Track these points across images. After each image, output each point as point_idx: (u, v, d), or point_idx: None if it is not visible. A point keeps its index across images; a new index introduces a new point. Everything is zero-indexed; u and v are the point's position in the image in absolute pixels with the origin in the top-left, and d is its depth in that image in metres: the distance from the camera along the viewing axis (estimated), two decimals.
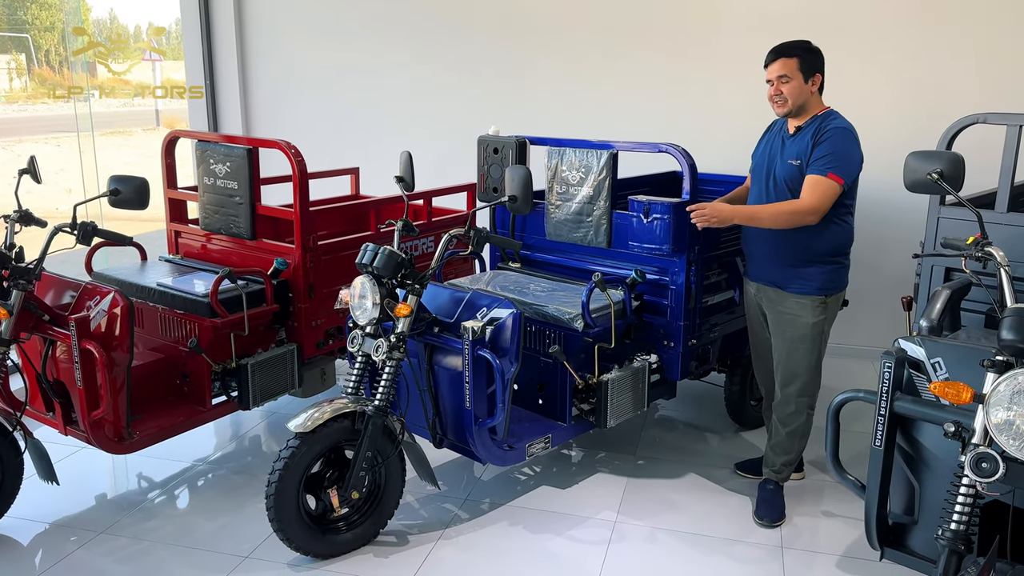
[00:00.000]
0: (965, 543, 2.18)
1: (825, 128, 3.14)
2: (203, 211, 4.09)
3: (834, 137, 3.11)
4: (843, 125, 3.16)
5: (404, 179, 3.44)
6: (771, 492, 3.49)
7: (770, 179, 3.29)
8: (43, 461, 3.29)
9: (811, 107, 3.23)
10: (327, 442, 3.03)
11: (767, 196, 3.30)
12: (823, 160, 3.10)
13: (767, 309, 3.41)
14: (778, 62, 3.19)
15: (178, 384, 3.69)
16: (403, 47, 5.88)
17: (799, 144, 3.19)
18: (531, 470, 3.88)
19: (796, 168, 3.18)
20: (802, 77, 3.17)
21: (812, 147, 3.13)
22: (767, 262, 3.34)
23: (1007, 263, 2.35)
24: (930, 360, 2.49)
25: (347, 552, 3.15)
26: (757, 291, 3.43)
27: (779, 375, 3.41)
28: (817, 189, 3.09)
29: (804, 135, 3.20)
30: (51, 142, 10.03)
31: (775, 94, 3.21)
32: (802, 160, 3.16)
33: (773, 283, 3.35)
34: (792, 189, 3.20)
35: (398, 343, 3.05)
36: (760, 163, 3.38)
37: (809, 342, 3.30)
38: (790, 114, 3.24)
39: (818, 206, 3.09)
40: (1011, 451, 2.07)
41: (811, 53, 3.20)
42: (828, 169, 3.08)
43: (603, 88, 5.51)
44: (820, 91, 3.25)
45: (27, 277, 3.15)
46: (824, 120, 3.19)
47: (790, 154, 3.22)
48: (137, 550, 3.20)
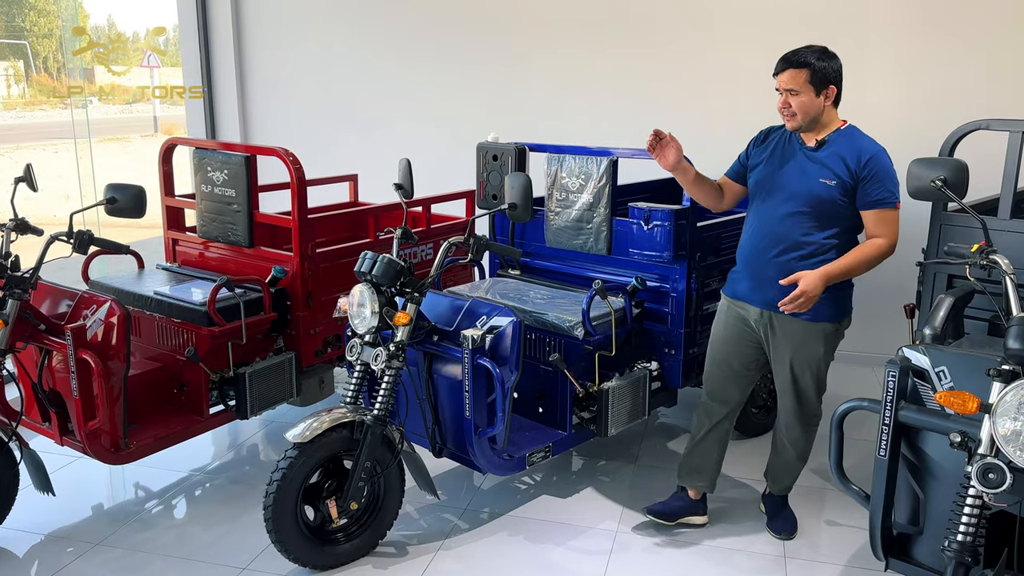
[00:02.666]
0: (972, 554, 2.16)
1: (867, 152, 2.91)
2: (201, 219, 4.07)
3: (883, 164, 2.91)
4: (880, 147, 2.96)
5: (403, 186, 3.42)
6: (780, 504, 3.44)
7: (789, 196, 3.01)
8: (39, 472, 3.27)
9: (829, 121, 3.00)
10: (325, 452, 3.00)
11: (784, 214, 3.01)
12: (887, 192, 2.91)
13: (770, 337, 3.14)
14: (787, 73, 2.92)
15: (175, 393, 3.67)
16: (402, 54, 5.87)
17: (832, 162, 2.94)
18: (531, 479, 3.85)
19: (833, 187, 2.93)
20: (813, 91, 2.90)
21: (856, 176, 2.90)
22: (779, 289, 2.98)
23: (1012, 271, 2.33)
24: (935, 369, 2.47)
25: (346, 563, 3.12)
26: (760, 316, 3.12)
27: (787, 400, 3.22)
28: (892, 223, 2.94)
29: (835, 152, 2.95)
30: (49, 149, 10.02)
31: (783, 107, 2.97)
32: (841, 182, 2.92)
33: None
34: (817, 209, 2.96)
35: (397, 352, 3.03)
36: (769, 176, 3.08)
37: (819, 366, 3.16)
38: (800, 129, 3.00)
39: (895, 240, 2.96)
40: (1018, 462, 2.05)
41: (825, 64, 2.91)
42: (896, 200, 2.92)
43: (602, 94, 5.50)
44: (837, 104, 3.01)
45: (23, 286, 3.13)
46: (856, 139, 2.97)
47: (821, 172, 2.95)
48: (134, 561, 3.17)
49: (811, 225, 2.98)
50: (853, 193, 2.94)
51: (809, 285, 2.86)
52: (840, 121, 3.03)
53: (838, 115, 3.04)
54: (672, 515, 3.39)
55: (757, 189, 3.13)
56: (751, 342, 3.20)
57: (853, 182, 2.92)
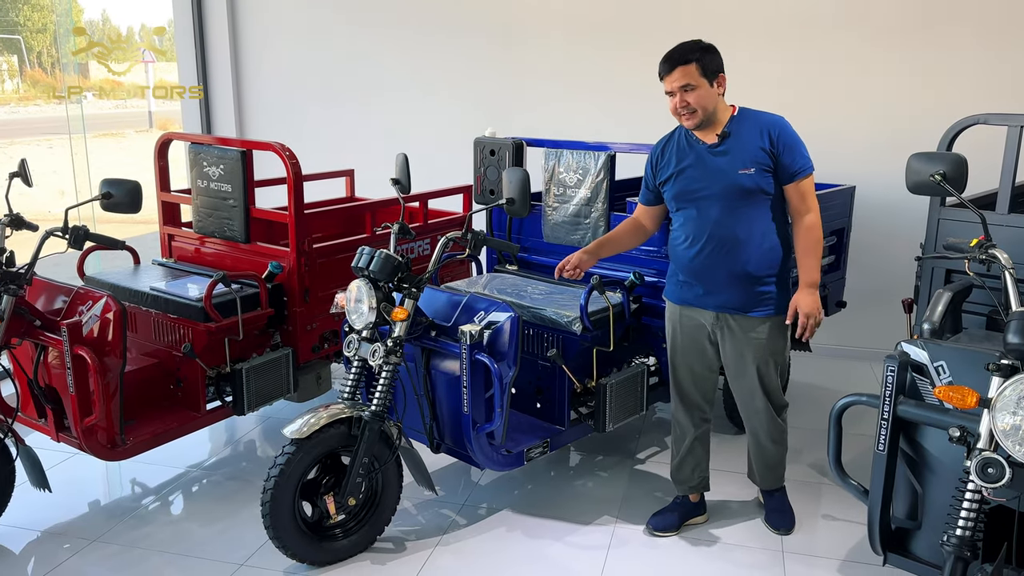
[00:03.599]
0: (971, 549, 2.17)
1: (774, 127, 2.91)
2: (197, 214, 4.06)
3: (791, 133, 2.92)
4: (779, 117, 2.96)
5: (400, 181, 3.41)
6: (780, 499, 3.42)
7: (715, 199, 2.96)
8: (35, 468, 3.25)
9: (723, 112, 2.96)
10: (323, 448, 2.99)
11: (719, 216, 2.96)
12: (803, 159, 2.92)
13: (726, 338, 3.11)
14: (677, 71, 2.87)
15: (172, 389, 3.65)
16: (399, 48, 5.85)
17: (743, 151, 2.91)
18: (529, 475, 3.85)
19: (754, 175, 2.90)
20: (707, 82, 2.87)
21: (774, 153, 2.89)
22: (731, 288, 3.03)
23: (1012, 265, 2.33)
24: (933, 363, 2.47)
25: (344, 559, 3.12)
26: (716, 320, 3.10)
27: (758, 400, 3.18)
28: (811, 190, 2.96)
29: (740, 140, 2.93)
30: (43, 144, 9.98)
31: (681, 106, 2.90)
32: (759, 167, 2.90)
33: (737, 309, 3.05)
34: (748, 201, 2.93)
35: (395, 347, 3.02)
36: (686, 186, 3.01)
37: (778, 358, 3.16)
38: (699, 126, 2.95)
39: (819, 208, 2.98)
40: (1018, 456, 2.05)
41: (709, 53, 2.89)
42: (810, 166, 2.94)
43: (600, 89, 5.49)
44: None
45: (18, 282, 3.11)
46: (754, 119, 2.95)
47: (737, 164, 2.91)
48: (131, 558, 3.16)
49: (746, 219, 2.96)
50: (774, 172, 2.93)
51: (808, 306, 2.95)
52: (730, 108, 3.00)
53: (726, 103, 3.00)
54: (676, 526, 3.37)
55: (678, 202, 3.07)
56: (709, 345, 3.19)
57: (771, 161, 2.91)
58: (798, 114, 5.16)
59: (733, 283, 3.02)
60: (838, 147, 5.14)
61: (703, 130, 2.98)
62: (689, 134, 3.03)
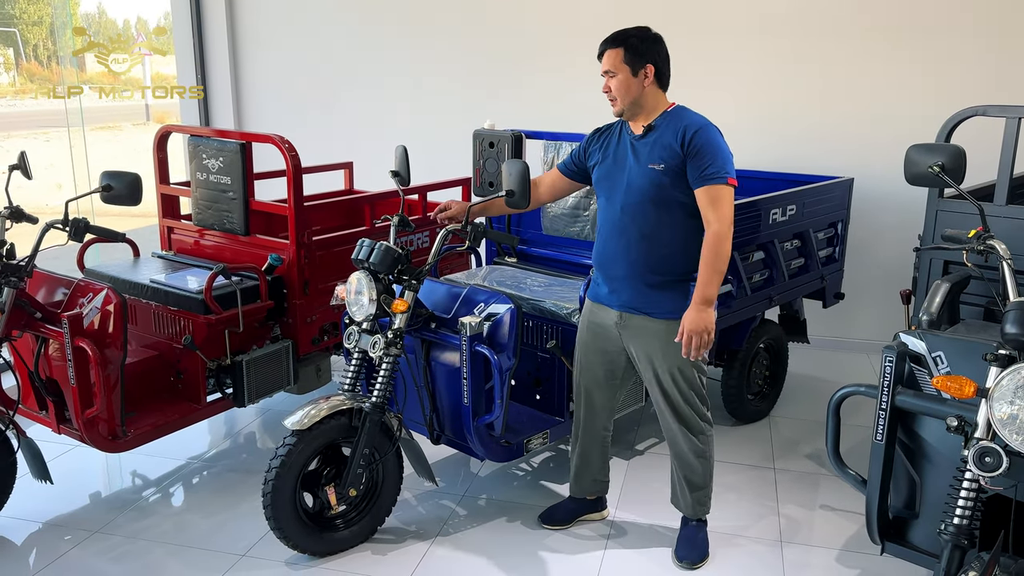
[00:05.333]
0: (968, 538, 2.18)
1: (691, 128, 2.76)
2: (196, 207, 4.06)
3: (709, 138, 2.75)
4: (706, 121, 2.81)
5: (399, 173, 3.41)
6: (695, 529, 3.16)
7: (625, 190, 2.86)
8: (36, 460, 3.26)
9: (656, 104, 2.85)
10: (324, 439, 3.00)
11: (623, 208, 2.87)
12: (716, 167, 2.73)
13: (632, 340, 2.97)
14: (606, 54, 2.82)
15: (172, 381, 3.66)
16: (397, 40, 5.85)
17: (657, 146, 2.80)
18: (529, 466, 3.87)
19: (658, 173, 2.78)
20: (629, 70, 2.79)
21: (684, 154, 2.75)
22: (630, 286, 2.91)
23: (1009, 256, 2.34)
24: (931, 354, 2.48)
25: (345, 550, 3.14)
26: (622, 320, 2.96)
27: (666, 417, 3.01)
28: (723, 201, 2.73)
29: (660, 135, 2.82)
30: (40, 137, 9.95)
31: (605, 91, 2.86)
32: (667, 164, 2.77)
33: (639, 310, 2.91)
34: (653, 197, 2.81)
35: (395, 339, 3.03)
36: (606, 173, 2.94)
37: (690, 369, 2.93)
38: (624, 114, 2.88)
39: (730, 216, 2.75)
40: (1015, 445, 2.06)
41: (643, 42, 2.79)
42: (725, 174, 2.73)
43: (599, 82, 5.48)
44: (663, 85, 2.87)
45: (19, 274, 3.11)
46: (680, 118, 2.82)
47: (650, 158, 2.81)
48: (132, 549, 3.17)
49: (651, 216, 2.83)
50: (684, 173, 2.78)
51: (692, 324, 2.73)
52: (668, 104, 2.89)
53: (666, 99, 2.89)
54: (567, 519, 3.34)
55: (599, 188, 2.99)
56: (614, 347, 3.06)
57: (681, 161, 2.76)
58: (798, 107, 5.23)
59: (631, 280, 2.90)
60: (836, 140, 5.16)
61: (635, 120, 2.90)
62: (626, 124, 2.95)
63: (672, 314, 2.86)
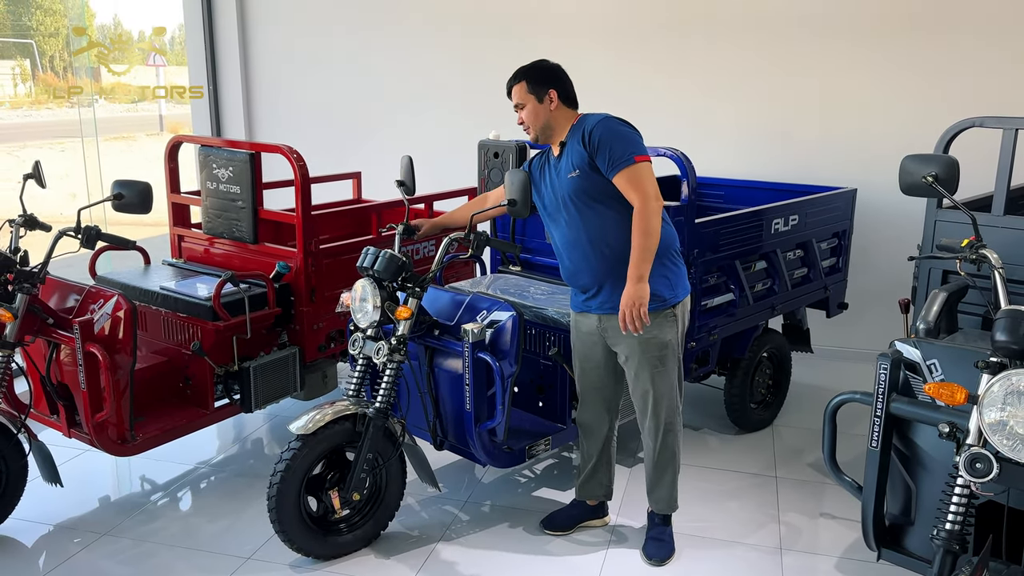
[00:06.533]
0: (960, 543, 2.20)
1: (588, 127, 2.91)
2: (206, 215, 4.12)
3: (607, 128, 2.88)
4: (603, 116, 2.94)
5: (405, 183, 3.46)
6: (661, 528, 3.27)
7: (560, 206, 3.04)
8: (47, 463, 3.32)
9: (567, 122, 3.02)
10: (328, 444, 3.05)
11: (567, 223, 3.03)
12: (617, 152, 2.85)
13: (615, 340, 3.09)
14: (513, 90, 3.05)
15: (181, 387, 3.71)
16: (406, 51, 5.92)
17: (571, 156, 2.97)
18: (531, 472, 3.90)
19: (576, 179, 2.94)
20: (535, 99, 3.00)
21: (588, 153, 2.90)
22: (602, 291, 3.05)
23: (1001, 265, 2.37)
24: (926, 362, 2.51)
25: (348, 553, 3.17)
26: (601, 323, 3.09)
27: (648, 404, 3.11)
28: (639, 179, 2.85)
29: (571, 146, 2.98)
30: (55, 147, 10.07)
31: (520, 123, 3.08)
32: (581, 169, 2.93)
33: (612, 308, 3.02)
34: (584, 203, 2.96)
35: (399, 346, 3.07)
36: (548, 201, 3.10)
37: (669, 360, 3.06)
38: (539, 140, 3.08)
39: (650, 191, 2.85)
40: (1004, 451, 2.09)
41: (542, 72, 3.01)
42: (630, 155, 2.85)
43: (602, 92, 5.52)
44: (572, 104, 3.04)
45: (32, 281, 3.18)
46: (581, 123, 2.97)
47: (567, 169, 2.98)
48: (140, 552, 3.23)
49: (590, 220, 2.98)
50: (599, 171, 2.90)
51: (625, 299, 2.85)
52: (574, 117, 3.04)
53: (574, 113, 3.05)
54: (568, 525, 3.39)
55: (544, 217, 3.17)
56: (603, 350, 3.18)
57: (590, 161, 2.91)
58: (799, 119, 5.26)
59: (598, 284, 3.04)
60: (840, 151, 5.19)
61: (552, 142, 3.08)
62: (550, 151, 3.12)
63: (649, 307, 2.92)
